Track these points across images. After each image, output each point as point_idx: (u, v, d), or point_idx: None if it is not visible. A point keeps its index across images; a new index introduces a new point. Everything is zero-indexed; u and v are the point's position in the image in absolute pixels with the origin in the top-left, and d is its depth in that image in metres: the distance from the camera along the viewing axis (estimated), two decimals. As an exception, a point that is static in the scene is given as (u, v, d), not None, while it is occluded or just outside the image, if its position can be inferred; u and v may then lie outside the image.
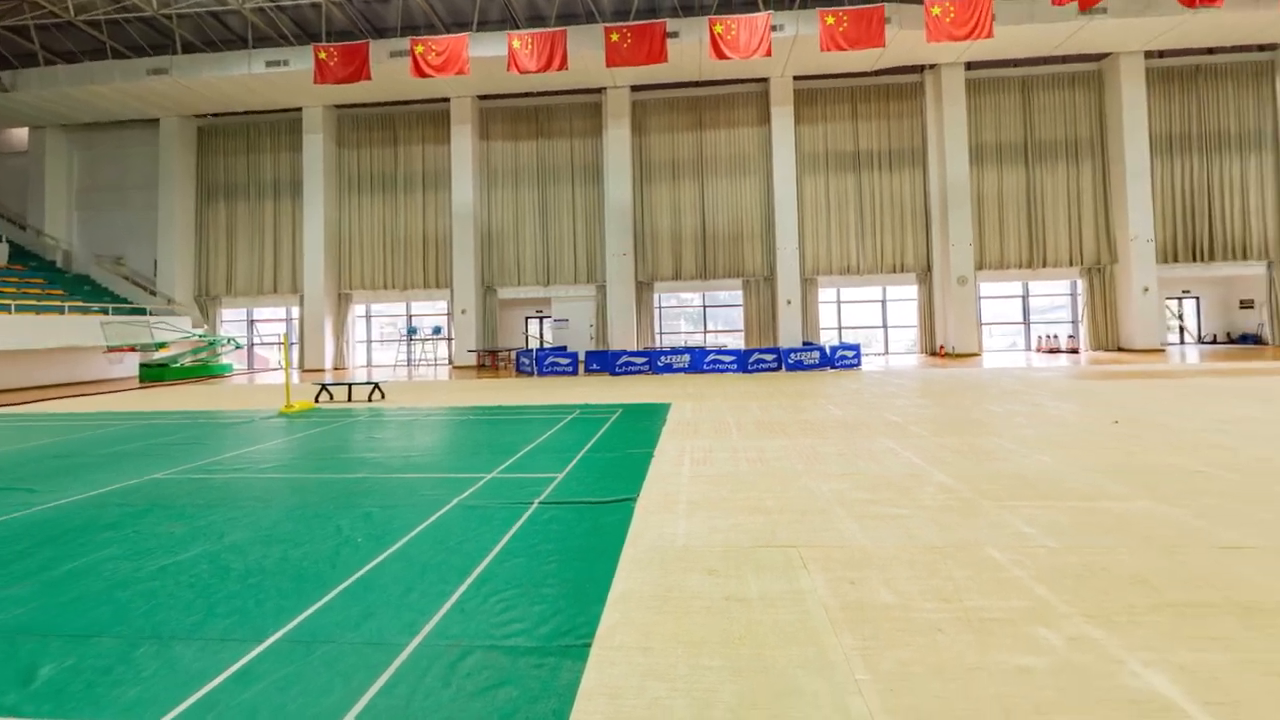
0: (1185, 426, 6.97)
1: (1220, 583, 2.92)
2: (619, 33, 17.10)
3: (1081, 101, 19.86)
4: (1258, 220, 19.18)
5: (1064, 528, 3.72)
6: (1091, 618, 2.58)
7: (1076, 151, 19.77)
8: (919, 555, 3.32)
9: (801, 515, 4.07)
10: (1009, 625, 2.53)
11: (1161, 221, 19.20)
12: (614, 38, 17.17)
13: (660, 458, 6.03)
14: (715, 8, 18.46)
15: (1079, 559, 3.24)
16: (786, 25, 17.12)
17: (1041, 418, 7.71)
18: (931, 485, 4.73)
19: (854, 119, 20.29)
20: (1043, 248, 19.55)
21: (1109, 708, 1.95)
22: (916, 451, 5.93)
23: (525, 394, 12.51)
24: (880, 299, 21.12)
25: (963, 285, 18.70)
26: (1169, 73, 19.53)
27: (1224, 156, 19.39)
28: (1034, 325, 20.89)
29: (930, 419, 7.85)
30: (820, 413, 8.61)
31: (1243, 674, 2.14)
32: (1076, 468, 5.19)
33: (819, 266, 20.09)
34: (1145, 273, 18.48)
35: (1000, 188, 19.88)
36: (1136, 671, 2.16)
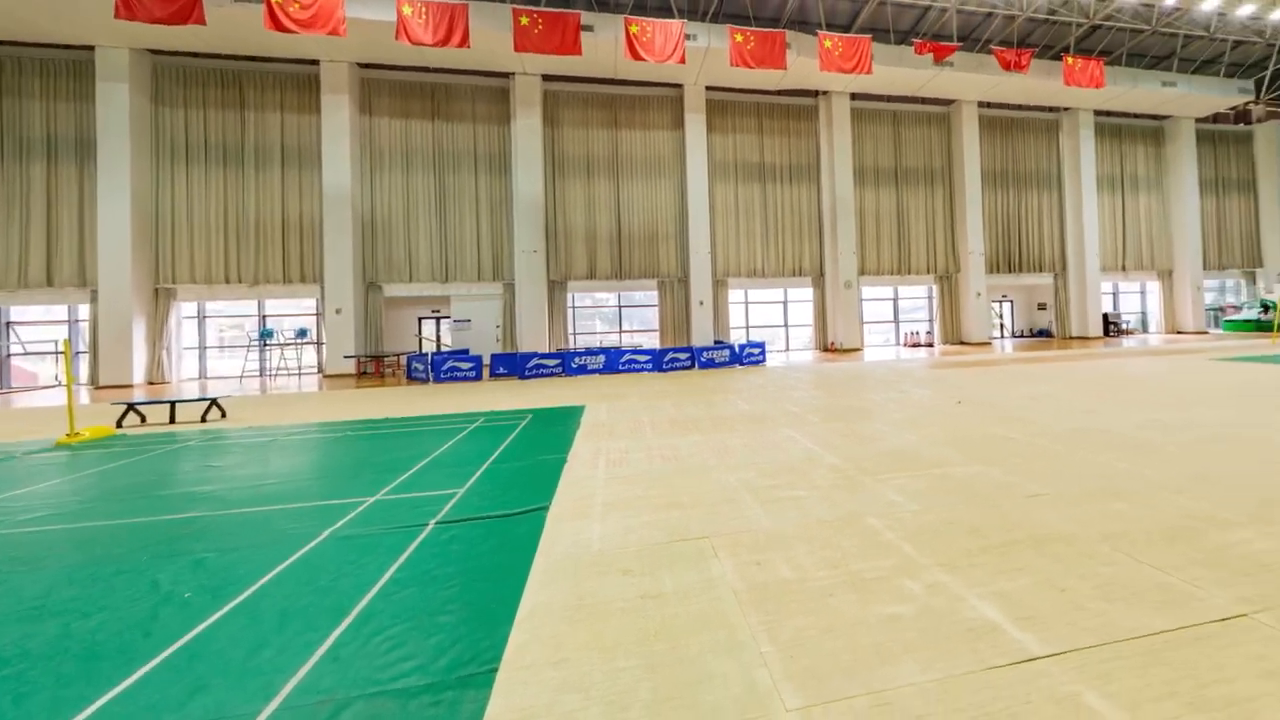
0: (1003, 403, 7.80)
1: (1025, 524, 3.36)
2: (529, 16, 14.09)
3: (936, 137, 21.15)
4: (1049, 242, 22.12)
5: (923, 493, 4.00)
6: (943, 565, 2.84)
7: (932, 178, 20.98)
8: (814, 531, 3.36)
9: (713, 506, 3.90)
10: (884, 581, 2.68)
11: (989, 239, 21.18)
12: (524, 21, 14.12)
13: (574, 462, 5.33)
14: (630, 8, 16.49)
15: (934, 517, 3.51)
16: (700, 36, 15.88)
17: (907, 402, 8.12)
18: (824, 467, 4.80)
19: (760, 133, 19.33)
20: (908, 258, 20.42)
21: (955, 638, 2.20)
22: (812, 438, 5.96)
23: (419, 403, 9.89)
24: (782, 300, 20.50)
25: (848, 289, 18.89)
26: (994, 121, 21.68)
27: (1028, 191, 22.03)
28: (902, 323, 21.83)
29: (823, 408, 7.90)
30: (730, 408, 8.18)
31: (1040, 592, 2.57)
32: (931, 442, 5.58)
33: (729, 269, 18.74)
34: (978, 280, 20.25)
35: (877, 205, 20.36)
36: (973, 604, 2.46)
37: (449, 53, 15.27)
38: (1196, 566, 2.81)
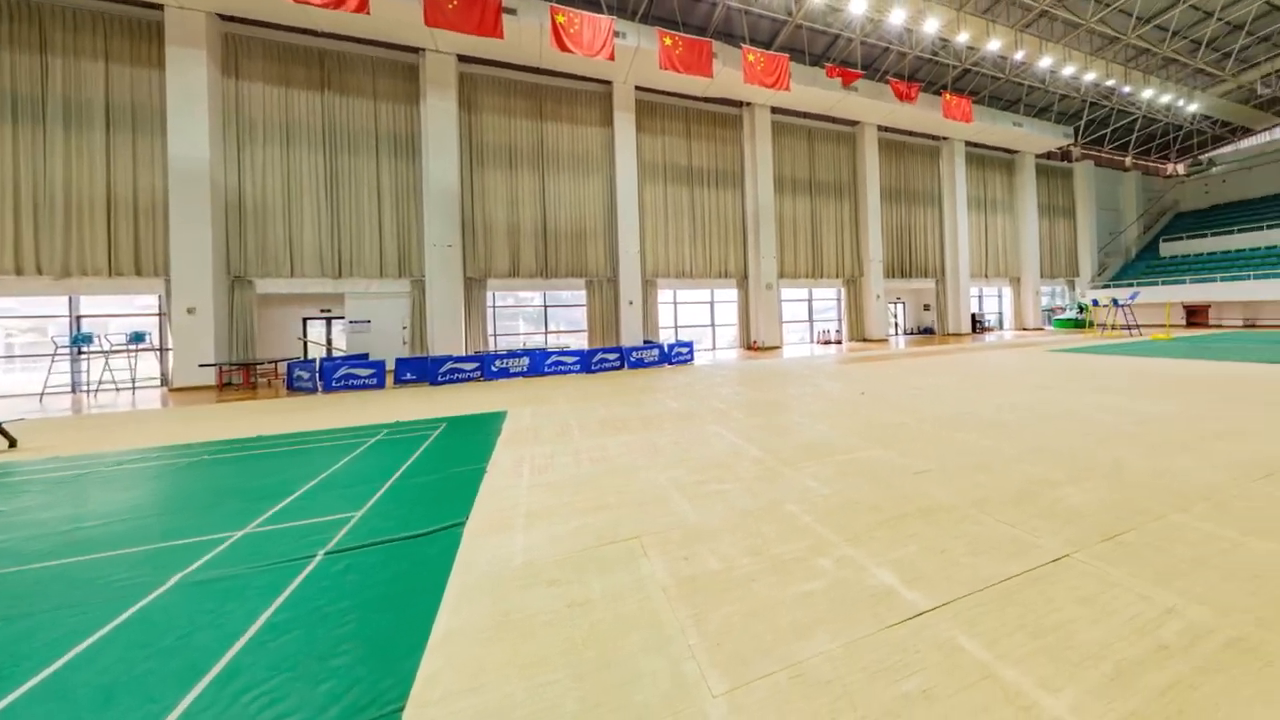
0: (896, 393, 8.00)
1: (915, 498, 3.56)
2: (443, -13, 11.63)
3: (844, 154, 21.04)
4: (932, 252, 23.05)
5: (833, 478, 4.03)
6: (849, 541, 2.91)
7: (840, 191, 20.83)
8: (738, 521, 3.27)
9: (642, 506, 3.59)
10: (800, 562, 2.69)
11: (886, 248, 21.56)
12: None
13: (495, 472, 4.59)
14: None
15: (842, 499, 3.58)
16: (629, 35, 14.06)
17: (819, 395, 8.03)
18: (747, 460, 4.65)
19: (688, 137, 17.76)
20: (821, 262, 20.15)
21: (859, 605, 2.28)
22: (736, 432, 5.75)
23: (304, 417, 7.83)
24: (709, 300, 19.25)
25: (769, 290, 18.30)
26: (891, 144, 22.09)
27: (916, 207, 22.74)
28: (815, 323, 21.55)
29: (746, 404, 7.56)
30: (658, 407, 7.58)
31: (926, 555, 2.73)
32: (840, 431, 5.63)
33: (658, 269, 16.96)
34: (877, 284, 20.53)
35: (794, 212, 19.83)
36: (874, 573, 2.55)
37: (343, 17, 12.14)
38: (1036, 520, 3.21)
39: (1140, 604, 2.32)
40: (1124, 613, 2.25)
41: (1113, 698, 1.78)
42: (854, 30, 18.25)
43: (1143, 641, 2.06)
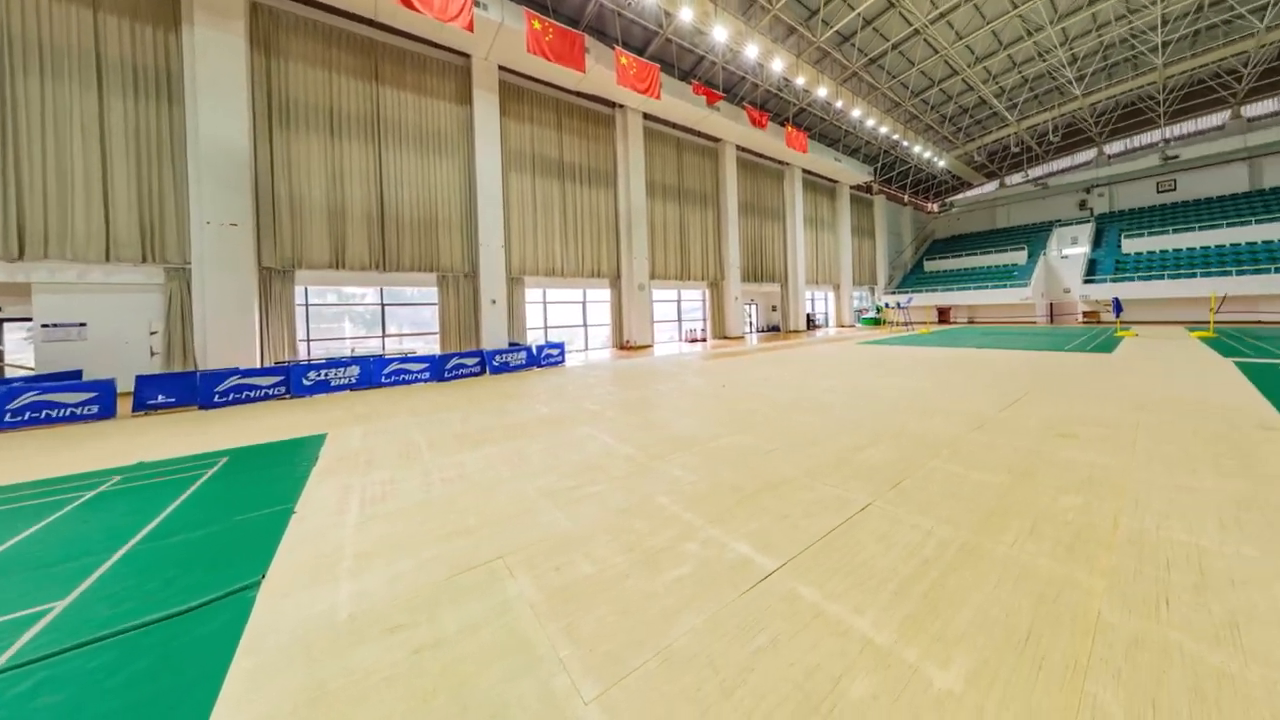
0: (751, 383, 7.93)
1: (765, 475, 3.63)
2: None
3: (708, 167, 19.99)
4: (777, 260, 23.46)
5: (699, 466, 3.90)
6: (713, 522, 2.87)
7: (705, 200, 19.87)
8: (612, 521, 2.98)
9: (507, 522, 3.00)
10: (670, 551, 2.56)
11: (743, 255, 21.38)
12: None
13: (308, 511, 3.31)
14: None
15: (706, 485, 3.48)
16: (492, 8, 10.78)
17: (687, 391, 7.53)
18: (620, 459, 4.19)
19: (560, 129, 14.75)
20: (688, 265, 19.08)
21: (721, 579, 2.27)
22: (610, 432, 5.08)
23: None
24: (581, 300, 16.71)
25: (641, 291, 16.92)
26: (747, 163, 21.64)
27: (765, 221, 22.87)
28: (684, 322, 20.56)
29: (619, 403, 6.74)
30: (527, 413, 6.29)
31: (774, 523, 2.82)
32: (705, 422, 5.40)
33: (525, 266, 13.93)
34: (736, 287, 20.20)
35: (664, 216, 18.32)
36: (733, 547, 2.56)
37: None
38: (851, 479, 3.56)
39: (912, 532, 2.75)
40: (903, 540, 2.66)
41: (896, 608, 2.08)
42: (717, 55, 17.39)
43: (913, 559, 2.46)
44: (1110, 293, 22.49)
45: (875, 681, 1.69)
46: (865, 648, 1.85)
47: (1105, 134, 28.53)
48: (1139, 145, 28.19)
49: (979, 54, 20.49)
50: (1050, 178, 31.31)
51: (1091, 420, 5.05)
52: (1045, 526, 2.76)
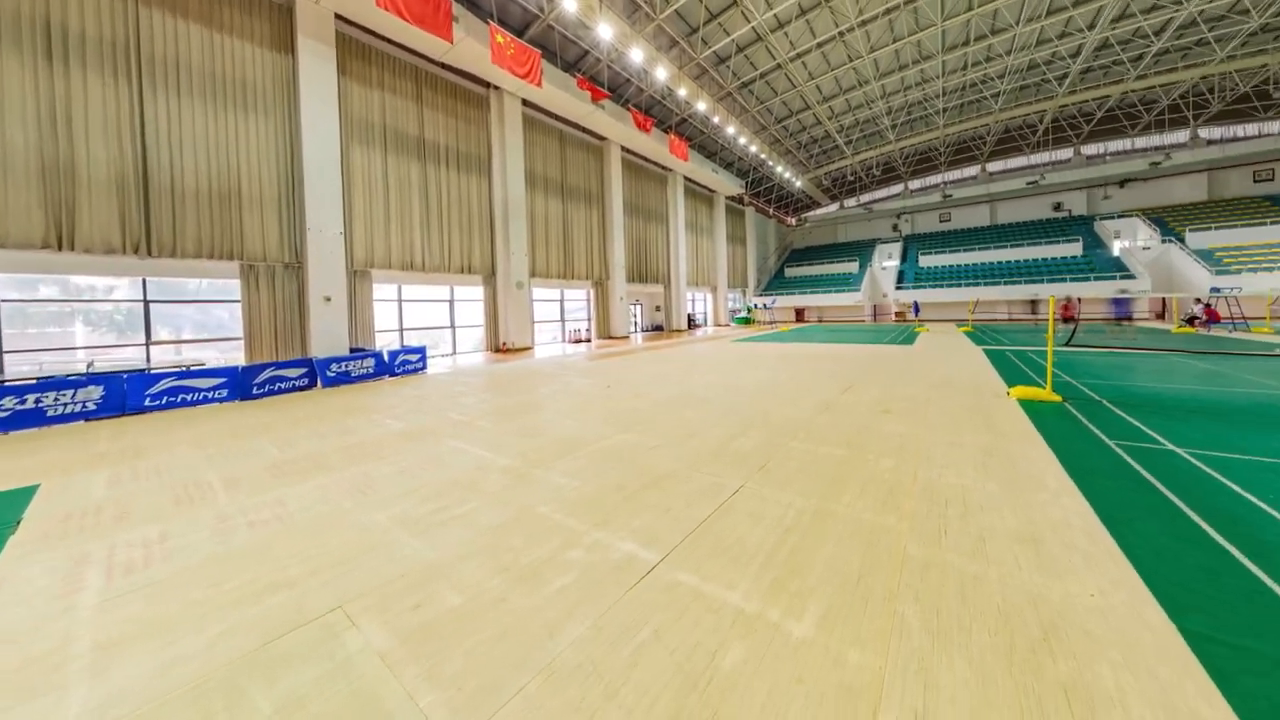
0: (636, 382, 8.20)
1: (649, 471, 3.80)
2: None
3: (594, 165, 20.04)
4: (661, 262, 24.97)
5: (583, 469, 3.88)
6: (598, 525, 2.89)
7: (590, 198, 19.96)
8: (485, 541, 2.80)
9: (347, 563, 2.59)
10: (553, 562, 2.50)
11: (628, 255, 22.19)
12: None
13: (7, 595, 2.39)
14: None
15: (592, 487, 3.48)
16: None
17: (571, 392, 7.52)
18: (496, 471, 3.97)
19: (420, 103, 13.19)
20: (572, 263, 19.09)
21: (607, 579, 2.28)
22: (483, 444, 4.80)
23: None
24: (449, 299, 15.40)
25: (520, 289, 16.39)
26: (632, 165, 22.35)
27: (649, 223, 24.07)
28: (567, 322, 20.71)
29: (494, 410, 6.44)
30: (376, 430, 5.63)
31: (657, 517, 2.96)
32: (589, 423, 5.40)
33: (374, 258, 12.23)
34: (621, 287, 21.02)
35: (546, 211, 17.90)
36: (619, 547, 2.61)
37: None
38: (726, 466, 3.92)
39: (777, 506, 3.13)
40: (770, 515, 3.00)
41: (763, 576, 2.38)
42: (602, 52, 17.37)
43: (777, 530, 2.81)
44: (912, 297, 30.09)
45: (745, 647, 1.88)
46: (737, 618, 2.04)
47: (909, 173, 36.78)
48: (929, 185, 37.02)
49: (825, 94, 24.37)
50: (875, 203, 39.18)
51: (901, 398, 6.52)
52: (870, 486, 3.49)
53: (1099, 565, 2.40)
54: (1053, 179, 31.31)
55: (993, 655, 1.83)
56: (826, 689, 1.68)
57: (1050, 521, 2.87)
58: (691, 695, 1.65)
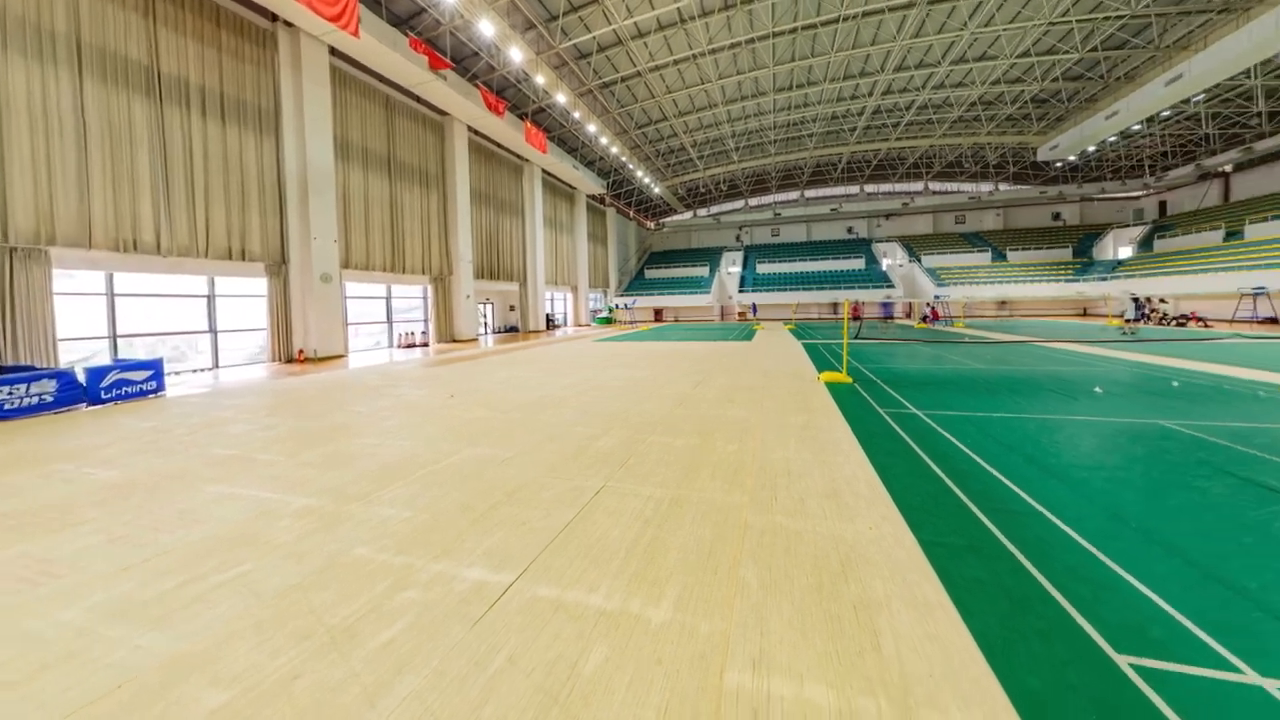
0: (486, 389, 7.85)
1: (502, 486, 3.60)
2: None
3: (433, 142, 17.80)
4: (516, 257, 23.95)
5: (418, 495, 3.55)
6: (438, 555, 2.65)
7: (428, 180, 17.69)
8: (271, 608, 2.23)
9: (17, 688, 1.79)
10: (376, 613, 2.17)
11: (477, 249, 20.68)
12: None
13: None
14: None
15: (429, 514, 3.19)
16: None
17: (401, 406, 6.80)
18: (289, 516, 3.30)
19: (150, 17, 9.67)
20: (403, 255, 16.76)
21: (451, 615, 2.10)
22: (267, 483, 3.95)
23: None
24: (207, 293, 11.83)
25: (327, 283, 13.76)
26: (483, 150, 20.75)
27: (504, 215, 22.72)
28: (396, 323, 18.00)
29: (286, 438, 5.29)
30: (58, 489, 3.96)
31: (512, 534, 2.86)
32: (427, 440, 4.97)
33: (55, 231, 8.51)
34: (467, 284, 19.60)
35: (367, 191, 15.19)
36: (465, 575, 2.40)
37: None
38: (587, 468, 3.92)
39: (639, 500, 3.31)
40: (630, 510, 3.14)
41: (624, 571, 2.38)
42: (443, 14, 15.60)
43: (637, 524, 2.97)
44: (751, 300, 36.09)
45: (608, 646, 1.92)
46: (599, 620, 2.06)
47: (749, 191, 43.64)
48: (764, 203, 44.61)
49: (681, 109, 26.96)
50: (722, 215, 45.28)
51: (743, 388, 7.51)
52: (718, 469, 3.94)
53: (875, 506, 3.20)
54: (847, 208, 41.47)
55: (809, 593, 2.28)
56: (681, 663, 1.84)
57: (845, 478, 3.71)
58: (552, 710, 1.65)
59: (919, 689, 1.72)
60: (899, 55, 22.08)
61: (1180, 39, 19.69)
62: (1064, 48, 21.25)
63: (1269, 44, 15.69)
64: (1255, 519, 2.97)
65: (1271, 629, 2.02)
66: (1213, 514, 3.06)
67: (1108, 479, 3.65)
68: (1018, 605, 2.18)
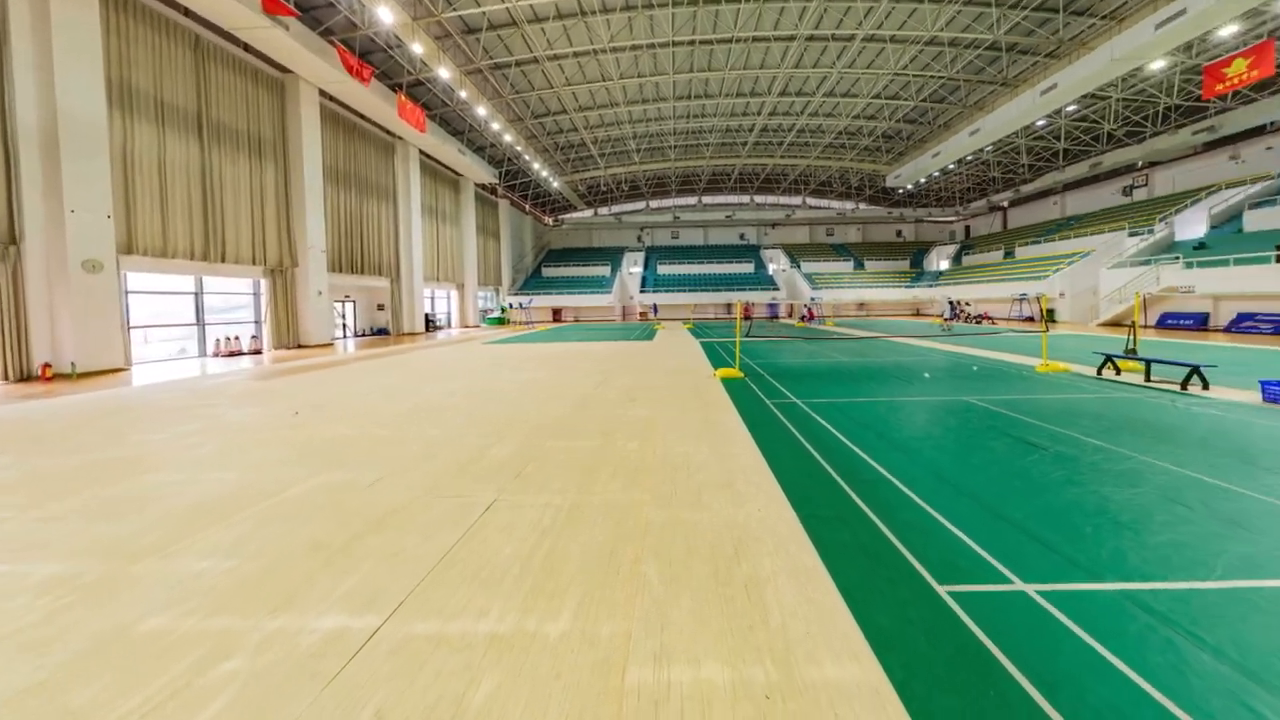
0: (347, 401, 7.09)
1: (366, 512, 3.27)
2: None
3: (270, 104, 14.84)
4: (386, 249, 21.32)
5: (244, 540, 2.97)
6: (275, 610, 2.25)
7: (262, 149, 14.65)
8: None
9: None
10: (173, 703, 1.73)
11: (332, 237, 17.86)
12: None
13: None
14: None
15: (261, 562, 2.71)
16: None
17: (220, 430, 5.69)
18: (25, 591, 2.50)
19: None
20: (221, 240, 13.70)
21: (297, 678, 1.85)
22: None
23: None
24: None
25: (94, 273, 10.62)
26: (342, 120, 18.14)
27: (370, 199, 20.03)
28: (213, 326, 14.54)
29: (17, 485, 4.06)
30: None
31: (380, 567, 2.56)
32: (259, 470, 4.23)
33: None
34: (319, 278, 16.94)
35: (164, 155, 12.02)
36: (315, 627, 2.11)
37: None
38: (476, 482, 3.76)
39: (537, 510, 3.23)
40: (526, 522, 3.05)
41: (519, 588, 2.36)
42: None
43: (534, 535, 2.87)
44: (652, 300, 37.35)
45: (500, 672, 1.84)
46: (490, 646, 1.97)
47: (650, 193, 45.23)
48: (664, 206, 46.64)
49: (582, 104, 26.77)
50: (624, 215, 46.21)
51: (645, 387, 7.83)
52: (620, 468, 4.02)
53: (764, 490, 3.53)
54: (740, 216, 45.68)
55: (707, 579, 2.43)
56: (582, 672, 1.84)
57: (740, 467, 4.04)
58: (437, 754, 1.54)
59: (799, 649, 1.96)
60: (783, 81, 24.93)
61: (979, 101, 25.70)
62: (904, 95, 26.19)
63: (1028, 114, 21.59)
64: (1020, 467, 4.01)
65: (1029, 548, 2.72)
66: (997, 466, 4.03)
67: (932, 446, 4.62)
68: (873, 559, 2.63)
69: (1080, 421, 5.43)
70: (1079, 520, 3.06)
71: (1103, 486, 3.60)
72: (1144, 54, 16.41)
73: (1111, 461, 4.11)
